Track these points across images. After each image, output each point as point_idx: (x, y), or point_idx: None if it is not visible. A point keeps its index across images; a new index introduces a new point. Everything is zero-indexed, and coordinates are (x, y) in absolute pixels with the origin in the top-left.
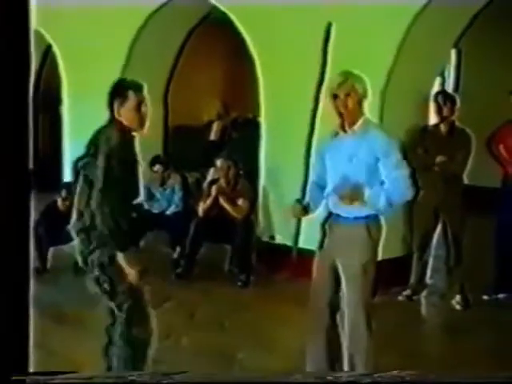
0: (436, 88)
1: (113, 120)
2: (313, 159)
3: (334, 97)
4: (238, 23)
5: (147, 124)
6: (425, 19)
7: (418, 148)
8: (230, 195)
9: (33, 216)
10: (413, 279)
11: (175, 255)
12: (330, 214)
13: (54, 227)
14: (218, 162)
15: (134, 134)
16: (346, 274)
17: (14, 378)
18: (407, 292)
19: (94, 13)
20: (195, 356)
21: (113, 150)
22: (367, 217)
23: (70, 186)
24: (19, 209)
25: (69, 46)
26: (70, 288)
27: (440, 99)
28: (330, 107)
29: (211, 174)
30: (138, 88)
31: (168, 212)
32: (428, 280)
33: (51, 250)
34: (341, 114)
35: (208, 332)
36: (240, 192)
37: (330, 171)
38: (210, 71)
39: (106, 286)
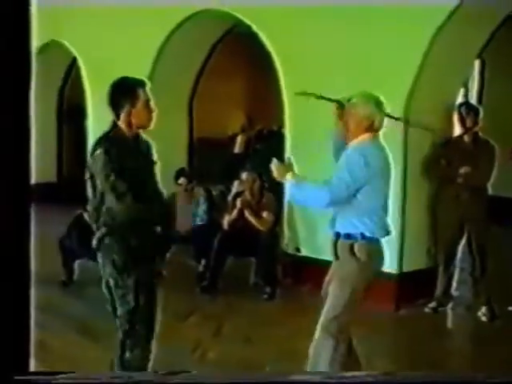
0: (460, 99)
1: (115, 126)
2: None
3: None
4: (262, 36)
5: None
6: (449, 30)
7: (442, 159)
8: (255, 208)
9: (33, 229)
10: (438, 291)
11: (200, 268)
12: (331, 231)
13: (81, 240)
14: (243, 175)
15: (138, 134)
16: (331, 287)
17: (16, 377)
18: (433, 304)
19: (118, 27)
20: (221, 369)
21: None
22: (353, 236)
23: None
24: (20, 222)
25: (93, 59)
26: (95, 301)
27: (463, 110)
28: None
29: (236, 187)
30: (144, 85)
31: (193, 225)
32: (454, 292)
33: (77, 263)
34: (346, 128)
35: (234, 345)
36: (265, 205)
37: None
38: (235, 84)
39: (108, 306)
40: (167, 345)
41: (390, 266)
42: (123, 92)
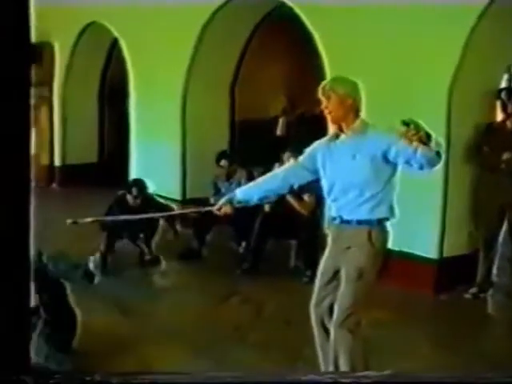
0: (503, 84)
1: None
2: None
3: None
4: (305, 18)
5: None
6: (490, 16)
7: (484, 146)
8: (296, 190)
9: (32, 220)
10: (479, 277)
11: (241, 250)
12: (333, 219)
13: (122, 220)
14: (284, 157)
15: None
16: (345, 279)
17: (15, 377)
18: (473, 290)
19: (161, 8)
20: (261, 351)
21: None
22: (369, 221)
23: (141, 184)
24: (19, 212)
25: (135, 39)
26: (134, 281)
27: (504, 96)
28: None
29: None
30: None
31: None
32: (494, 278)
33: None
34: (331, 117)
35: (274, 328)
36: (306, 187)
37: (329, 174)
38: (276, 66)
39: None
40: (208, 326)
41: (430, 250)
42: None
